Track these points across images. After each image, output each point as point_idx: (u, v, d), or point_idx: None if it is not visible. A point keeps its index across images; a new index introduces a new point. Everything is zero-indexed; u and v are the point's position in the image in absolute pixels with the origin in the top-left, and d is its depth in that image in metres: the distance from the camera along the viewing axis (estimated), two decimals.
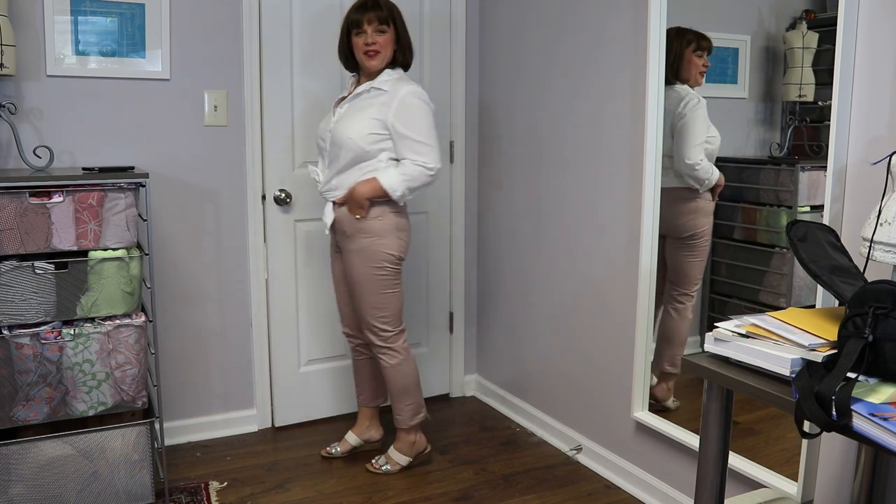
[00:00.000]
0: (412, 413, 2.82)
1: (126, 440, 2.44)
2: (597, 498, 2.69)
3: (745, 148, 2.44)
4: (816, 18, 2.21)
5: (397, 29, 2.63)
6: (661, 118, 2.46)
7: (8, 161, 2.64)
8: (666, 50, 2.38)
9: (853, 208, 1.85)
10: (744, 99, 2.43)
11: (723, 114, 2.46)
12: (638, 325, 2.59)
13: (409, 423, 2.82)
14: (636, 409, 2.64)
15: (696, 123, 2.44)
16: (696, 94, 2.44)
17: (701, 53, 2.42)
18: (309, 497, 2.68)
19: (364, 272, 2.65)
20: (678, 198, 2.50)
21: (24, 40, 2.62)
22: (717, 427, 1.53)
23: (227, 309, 3.12)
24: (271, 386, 3.23)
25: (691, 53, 2.42)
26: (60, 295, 2.32)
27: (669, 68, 2.40)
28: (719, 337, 1.49)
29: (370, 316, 2.70)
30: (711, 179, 2.42)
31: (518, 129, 3.21)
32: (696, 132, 2.44)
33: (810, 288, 2.12)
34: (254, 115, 3.03)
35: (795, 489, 2.03)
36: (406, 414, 2.81)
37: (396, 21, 2.63)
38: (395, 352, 2.75)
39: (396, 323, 2.74)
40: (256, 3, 2.97)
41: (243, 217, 3.09)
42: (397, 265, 2.69)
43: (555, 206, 3.01)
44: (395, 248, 2.65)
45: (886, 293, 1.26)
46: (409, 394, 2.80)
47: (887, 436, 1.13)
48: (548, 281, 3.10)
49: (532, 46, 3.08)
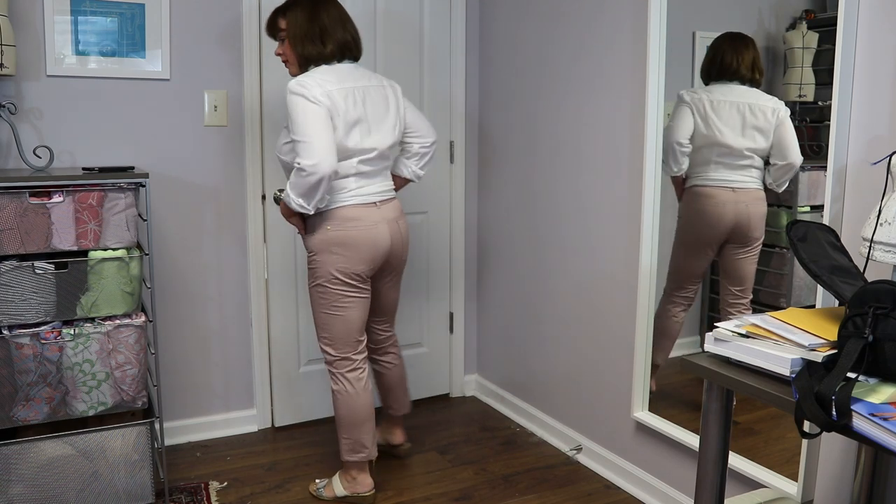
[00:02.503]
0: (348, 449, 2.55)
1: (126, 440, 2.44)
2: (597, 498, 2.69)
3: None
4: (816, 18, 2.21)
5: (289, 27, 2.42)
6: (661, 118, 2.46)
7: (8, 161, 2.64)
8: (733, 52, 2.34)
9: (853, 208, 1.85)
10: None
11: None
12: (638, 325, 2.59)
13: (344, 458, 2.57)
14: (636, 409, 2.64)
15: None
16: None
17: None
18: (309, 497, 2.68)
19: (309, 288, 2.51)
20: (760, 199, 2.37)
21: (24, 40, 2.62)
22: (717, 427, 1.53)
23: (227, 309, 3.12)
24: (271, 386, 3.23)
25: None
26: (60, 295, 2.32)
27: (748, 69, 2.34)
28: (719, 337, 1.49)
29: (317, 334, 2.55)
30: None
31: (518, 129, 3.20)
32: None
33: (810, 288, 2.12)
34: (254, 115, 3.03)
35: (795, 489, 2.03)
36: (343, 447, 2.57)
37: (287, 18, 2.43)
38: (335, 379, 2.52)
39: (339, 347, 2.49)
40: (256, 4, 2.97)
41: (243, 217, 3.09)
42: (338, 284, 2.42)
43: (555, 206, 3.01)
44: (330, 265, 2.40)
45: (886, 293, 1.26)
46: (345, 429, 2.53)
47: (887, 436, 1.14)
48: (548, 281, 3.10)
49: (532, 46, 3.08)
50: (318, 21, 2.41)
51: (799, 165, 2.23)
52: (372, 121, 2.43)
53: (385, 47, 3.23)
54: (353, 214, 2.42)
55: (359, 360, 2.54)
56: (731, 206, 2.42)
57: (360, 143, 2.40)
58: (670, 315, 2.60)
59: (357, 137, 2.39)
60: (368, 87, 2.45)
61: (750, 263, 2.41)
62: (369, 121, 2.43)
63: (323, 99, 2.29)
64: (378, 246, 2.46)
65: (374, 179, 2.49)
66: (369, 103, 2.43)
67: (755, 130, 2.34)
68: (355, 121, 2.38)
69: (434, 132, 2.66)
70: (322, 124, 2.27)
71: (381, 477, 2.82)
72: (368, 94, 2.44)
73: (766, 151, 2.32)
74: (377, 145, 2.44)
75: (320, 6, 2.43)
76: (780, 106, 2.27)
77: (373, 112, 2.44)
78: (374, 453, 2.61)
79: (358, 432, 2.54)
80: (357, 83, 2.42)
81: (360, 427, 2.54)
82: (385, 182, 2.54)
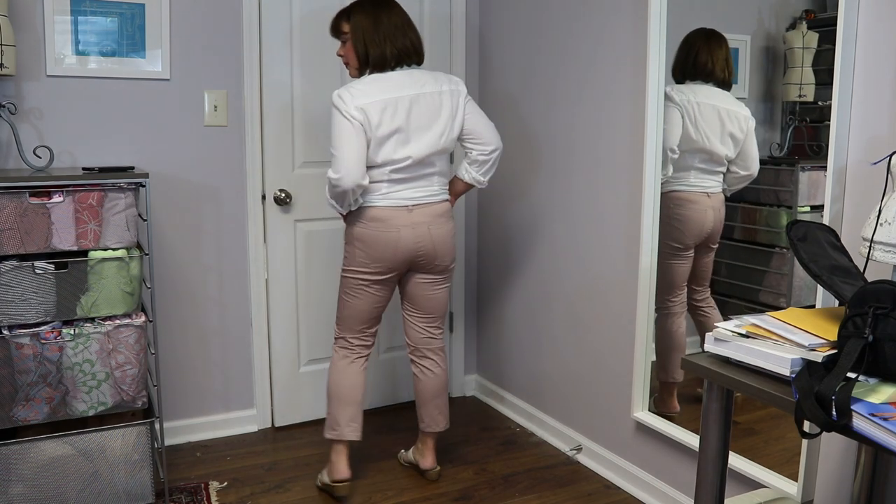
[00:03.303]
0: (327, 425, 2.68)
1: (126, 440, 2.44)
2: (597, 498, 2.69)
3: None
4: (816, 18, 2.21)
5: (352, 30, 2.50)
6: (661, 119, 2.46)
7: (8, 161, 2.64)
8: (708, 50, 2.34)
9: (853, 208, 1.85)
10: (744, 99, 2.43)
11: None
12: (638, 325, 2.59)
13: (324, 435, 2.70)
14: (636, 409, 2.64)
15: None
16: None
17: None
18: (309, 497, 2.68)
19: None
20: (723, 203, 2.44)
21: (24, 40, 2.62)
22: (717, 427, 1.53)
23: (227, 309, 3.12)
24: (271, 386, 3.23)
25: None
26: (60, 295, 2.32)
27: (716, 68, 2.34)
28: (719, 337, 1.49)
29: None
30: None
31: (518, 129, 3.20)
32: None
33: (810, 288, 2.12)
34: (254, 115, 3.03)
35: (795, 489, 2.03)
36: (325, 424, 2.71)
37: (351, 22, 2.50)
38: (334, 352, 2.71)
39: (342, 328, 2.67)
40: (256, 3, 2.97)
41: (243, 217, 3.09)
42: (356, 275, 2.57)
43: (554, 206, 3.01)
44: (352, 257, 2.56)
45: (886, 293, 1.26)
46: (329, 402, 2.68)
47: (887, 436, 1.13)
48: (548, 281, 3.10)
49: (532, 46, 3.08)
50: (381, 26, 2.47)
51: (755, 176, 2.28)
52: (413, 129, 2.47)
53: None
54: (380, 215, 2.50)
55: (355, 345, 2.67)
56: (710, 211, 2.46)
57: (392, 155, 2.46)
58: (675, 328, 2.59)
59: (390, 149, 2.45)
60: (420, 94, 2.48)
61: (711, 262, 2.48)
62: (410, 130, 2.46)
63: (357, 115, 2.38)
64: (399, 248, 2.52)
65: (411, 185, 2.53)
66: (415, 112, 2.47)
67: (730, 137, 2.36)
68: (391, 132, 2.44)
69: (497, 140, 2.62)
70: (352, 140, 2.39)
71: (381, 477, 2.82)
72: (417, 102, 2.47)
73: (731, 158, 2.34)
74: (412, 153, 2.47)
75: (383, 12, 2.49)
76: (749, 114, 2.30)
77: (417, 120, 2.47)
78: (348, 436, 2.65)
79: (336, 407, 2.65)
80: (405, 92, 2.46)
81: (339, 403, 2.65)
82: (426, 187, 2.56)
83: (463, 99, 2.56)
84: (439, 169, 2.59)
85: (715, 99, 2.35)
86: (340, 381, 2.65)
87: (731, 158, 2.34)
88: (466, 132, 2.58)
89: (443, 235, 2.60)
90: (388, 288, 2.63)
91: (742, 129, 2.32)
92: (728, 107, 2.34)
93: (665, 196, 2.50)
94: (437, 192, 2.59)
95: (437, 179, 2.59)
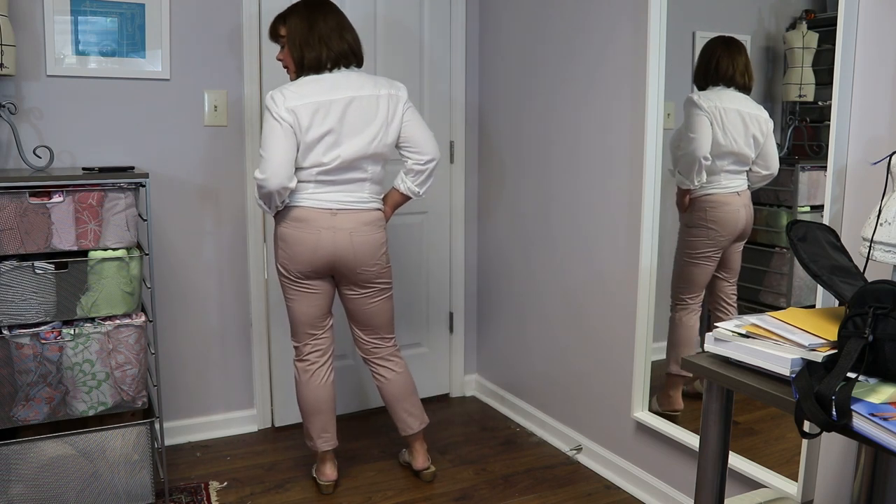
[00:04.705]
0: (304, 435, 2.72)
1: (126, 440, 2.44)
2: (597, 498, 2.69)
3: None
4: (816, 18, 2.21)
5: (288, 35, 2.47)
6: (661, 119, 2.46)
7: (8, 161, 2.64)
8: (729, 57, 2.37)
9: (853, 208, 1.85)
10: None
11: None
12: (638, 324, 2.59)
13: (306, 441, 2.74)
14: (636, 409, 2.64)
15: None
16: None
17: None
18: (309, 497, 2.68)
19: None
20: (750, 198, 2.45)
21: (24, 40, 2.62)
22: (717, 427, 1.53)
23: (227, 309, 3.12)
24: (271, 386, 3.23)
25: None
26: (60, 295, 2.32)
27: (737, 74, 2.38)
28: (719, 337, 1.49)
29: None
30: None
31: (518, 129, 3.20)
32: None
33: (810, 288, 2.12)
34: (254, 116, 3.03)
35: (795, 489, 2.03)
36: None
37: (287, 26, 2.48)
38: (294, 365, 2.67)
39: (294, 335, 2.64)
40: (256, 3, 2.97)
41: (243, 217, 3.09)
42: (283, 276, 2.55)
43: (554, 206, 3.01)
44: (277, 257, 2.54)
45: (886, 293, 1.26)
46: (302, 415, 2.69)
47: (887, 436, 1.13)
48: (548, 281, 3.10)
49: (532, 47, 3.08)
50: (316, 30, 2.43)
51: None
52: (346, 132, 2.42)
53: (385, 49, 3.23)
54: (303, 216, 2.46)
55: (308, 352, 2.63)
56: (742, 209, 2.46)
57: (321, 157, 2.41)
58: (689, 324, 2.58)
59: (320, 151, 2.41)
60: (356, 97, 2.43)
61: (741, 253, 2.49)
62: (342, 132, 2.41)
63: (287, 116, 2.36)
64: (318, 251, 2.47)
65: (338, 188, 2.46)
66: (349, 114, 2.42)
67: (752, 139, 2.38)
68: (322, 135, 2.40)
69: (434, 150, 2.53)
70: (280, 142, 2.37)
71: (381, 477, 2.82)
72: (352, 104, 2.42)
73: (752, 159, 2.38)
74: (342, 155, 2.42)
75: (318, 14, 2.45)
76: (768, 117, 2.35)
77: (350, 123, 2.42)
78: (322, 447, 2.67)
79: (307, 421, 2.66)
80: (340, 94, 2.41)
81: (309, 417, 2.65)
82: (355, 192, 2.49)
83: (402, 105, 2.49)
84: (371, 176, 2.50)
85: (737, 103, 2.37)
86: (305, 395, 2.64)
87: (752, 159, 2.38)
88: (403, 139, 2.51)
89: (367, 244, 2.50)
90: (319, 289, 2.56)
91: (762, 131, 2.36)
92: (749, 110, 2.38)
93: (698, 200, 2.50)
94: (367, 199, 2.51)
95: (369, 187, 2.51)
